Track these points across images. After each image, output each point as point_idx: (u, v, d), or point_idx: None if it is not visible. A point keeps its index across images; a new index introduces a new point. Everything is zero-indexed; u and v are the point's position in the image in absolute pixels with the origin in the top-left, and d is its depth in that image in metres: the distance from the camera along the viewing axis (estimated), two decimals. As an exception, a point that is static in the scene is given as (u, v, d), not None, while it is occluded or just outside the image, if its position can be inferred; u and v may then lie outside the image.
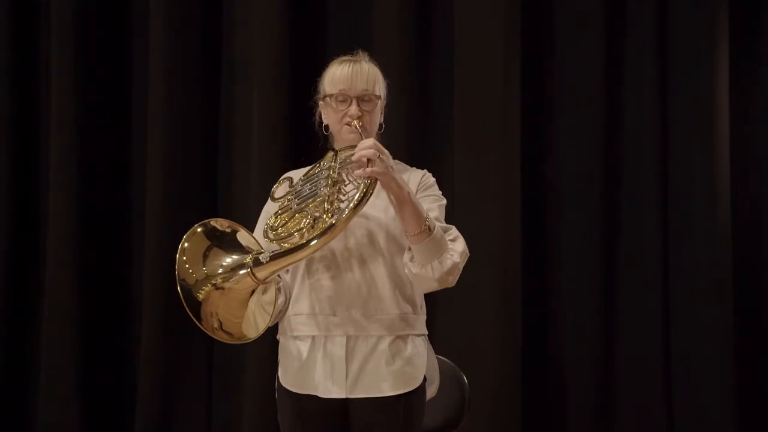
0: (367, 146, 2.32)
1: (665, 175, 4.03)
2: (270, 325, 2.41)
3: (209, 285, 2.35)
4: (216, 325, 2.36)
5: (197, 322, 2.35)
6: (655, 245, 4.01)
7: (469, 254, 2.45)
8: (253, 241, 2.39)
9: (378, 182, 2.33)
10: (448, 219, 2.57)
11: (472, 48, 4.04)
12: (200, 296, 2.34)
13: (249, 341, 2.39)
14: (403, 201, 2.34)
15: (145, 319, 4.29)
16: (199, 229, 2.41)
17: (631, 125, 4.09)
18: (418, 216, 2.35)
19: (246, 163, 4.22)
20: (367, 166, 2.30)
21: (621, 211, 4.09)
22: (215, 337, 2.38)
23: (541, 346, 4.09)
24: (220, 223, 2.42)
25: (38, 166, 4.52)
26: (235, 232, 2.41)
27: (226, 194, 4.32)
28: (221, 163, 4.35)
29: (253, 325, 2.37)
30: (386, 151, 2.35)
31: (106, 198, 4.44)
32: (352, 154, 2.38)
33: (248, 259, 2.33)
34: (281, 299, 2.46)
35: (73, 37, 4.36)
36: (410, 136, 4.08)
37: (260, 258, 2.32)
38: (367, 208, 2.44)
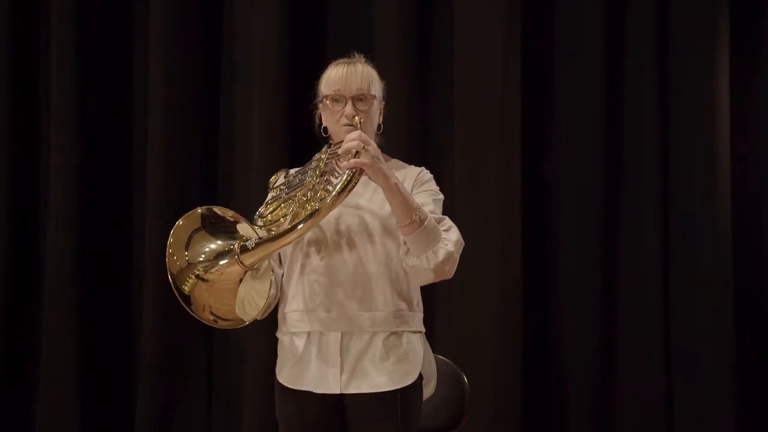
0: (352, 138, 2.38)
1: (665, 175, 4.03)
2: (259, 316, 2.43)
3: (192, 276, 2.39)
4: (212, 318, 2.42)
5: (194, 315, 2.41)
6: (655, 245, 4.01)
7: (463, 243, 2.46)
8: (253, 233, 2.42)
9: (364, 173, 2.37)
10: (449, 218, 2.57)
11: (472, 48, 4.04)
12: (186, 289, 2.39)
13: (245, 324, 2.43)
14: (390, 191, 2.38)
15: (146, 318, 4.29)
16: (199, 211, 2.47)
17: (631, 125, 4.09)
18: (408, 206, 2.37)
19: (246, 163, 4.22)
20: (354, 157, 2.35)
21: (621, 210, 4.09)
22: (214, 326, 2.45)
23: (541, 346, 4.09)
24: (223, 211, 2.47)
25: (38, 166, 4.52)
26: (236, 222, 2.44)
27: (226, 194, 4.32)
28: (221, 163, 4.36)
29: (244, 311, 2.41)
30: (372, 143, 2.39)
31: (107, 198, 4.44)
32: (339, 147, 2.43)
33: (236, 246, 2.37)
34: (272, 290, 2.47)
35: (74, 37, 4.36)
36: (410, 136, 4.08)
37: (247, 245, 2.37)
38: (364, 203, 2.48)
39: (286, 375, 2.53)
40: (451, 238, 2.43)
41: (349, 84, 2.53)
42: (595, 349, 4.06)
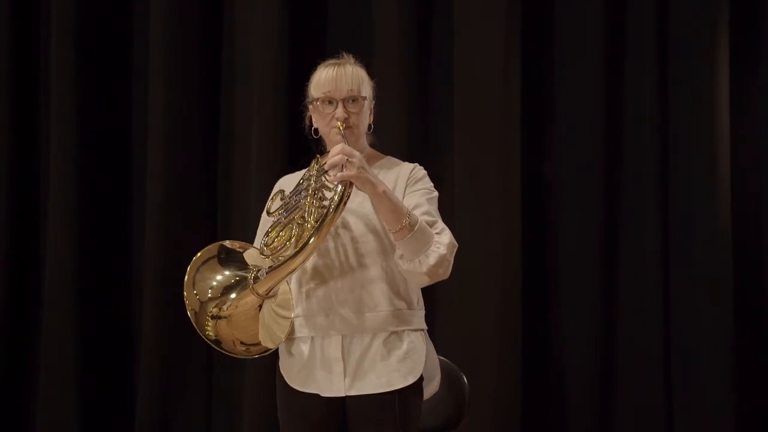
0: (335, 153, 2.40)
1: (665, 175, 4.03)
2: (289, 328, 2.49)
3: (209, 319, 2.44)
4: (243, 348, 2.48)
5: (228, 353, 2.47)
6: (655, 245, 4.01)
7: (457, 245, 2.48)
8: (262, 261, 2.47)
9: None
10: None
11: (472, 48, 4.04)
12: (210, 334, 2.45)
13: (271, 351, 2.49)
14: (378, 198, 2.40)
15: (145, 319, 4.29)
16: (213, 246, 2.53)
17: (631, 125, 4.09)
18: (397, 213, 2.39)
19: (246, 163, 4.22)
20: (341, 171, 2.37)
21: (621, 210, 4.09)
22: (250, 355, 2.49)
23: (541, 345, 4.09)
24: (232, 243, 2.54)
25: (38, 166, 4.52)
26: (243, 251, 2.52)
27: (225, 195, 4.33)
28: (221, 163, 4.36)
29: (270, 336, 2.48)
30: (356, 154, 2.40)
31: (106, 198, 4.44)
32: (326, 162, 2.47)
33: (249, 278, 2.44)
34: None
35: (73, 37, 4.36)
36: (410, 136, 4.09)
37: (259, 275, 2.43)
38: (359, 207, 2.50)
39: (294, 378, 2.54)
40: (443, 241, 2.44)
41: (339, 86, 2.54)
42: (595, 349, 4.06)
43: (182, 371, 4.30)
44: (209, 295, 2.45)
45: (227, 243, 2.54)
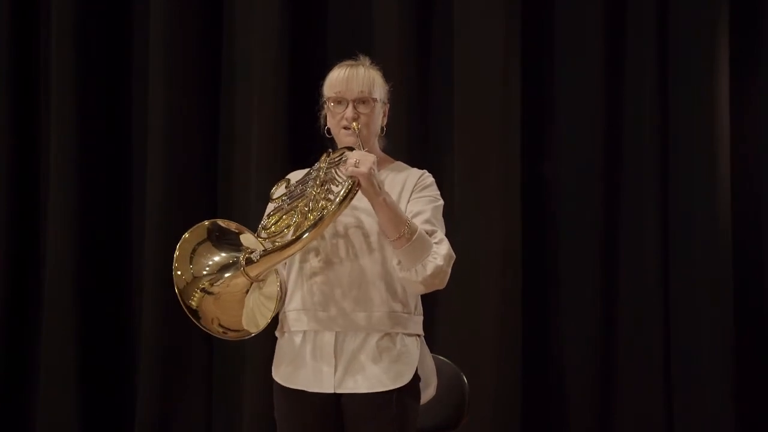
0: (353, 156, 2.41)
1: (665, 175, 4.03)
2: (269, 321, 2.47)
3: (198, 290, 2.43)
4: (221, 330, 2.46)
5: (203, 328, 2.45)
6: (655, 245, 4.01)
7: (454, 257, 2.48)
8: (257, 245, 2.46)
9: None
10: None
11: (472, 48, 4.04)
12: (193, 303, 2.43)
13: (251, 336, 2.47)
14: (378, 206, 2.41)
15: (145, 318, 4.29)
16: (204, 224, 2.51)
17: (631, 125, 4.09)
18: (396, 222, 2.40)
19: (246, 163, 4.22)
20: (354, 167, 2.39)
21: (621, 210, 4.09)
22: (224, 338, 2.49)
23: (541, 345, 4.09)
24: (227, 223, 2.52)
25: (38, 166, 4.52)
26: (240, 233, 2.49)
27: (225, 195, 4.33)
28: (221, 163, 4.36)
29: (253, 321, 2.45)
30: (370, 157, 2.40)
31: (106, 198, 4.45)
32: (339, 155, 2.48)
33: (241, 258, 2.42)
34: (281, 292, 2.51)
35: (73, 37, 4.37)
36: (410, 136, 4.09)
37: (252, 257, 2.41)
38: (363, 205, 2.48)
39: (282, 374, 2.54)
40: (440, 251, 2.45)
41: (350, 87, 2.55)
42: (595, 349, 4.06)
43: (182, 371, 4.30)
44: (204, 272, 2.44)
45: (221, 222, 2.52)
